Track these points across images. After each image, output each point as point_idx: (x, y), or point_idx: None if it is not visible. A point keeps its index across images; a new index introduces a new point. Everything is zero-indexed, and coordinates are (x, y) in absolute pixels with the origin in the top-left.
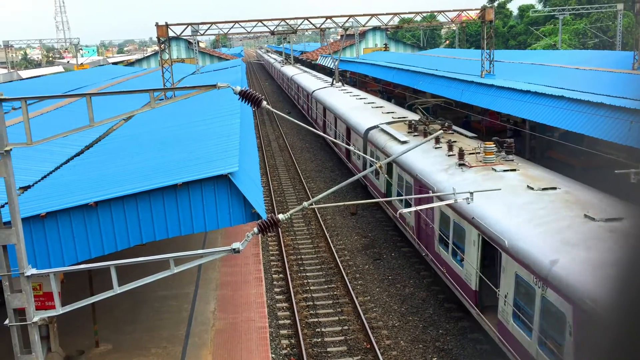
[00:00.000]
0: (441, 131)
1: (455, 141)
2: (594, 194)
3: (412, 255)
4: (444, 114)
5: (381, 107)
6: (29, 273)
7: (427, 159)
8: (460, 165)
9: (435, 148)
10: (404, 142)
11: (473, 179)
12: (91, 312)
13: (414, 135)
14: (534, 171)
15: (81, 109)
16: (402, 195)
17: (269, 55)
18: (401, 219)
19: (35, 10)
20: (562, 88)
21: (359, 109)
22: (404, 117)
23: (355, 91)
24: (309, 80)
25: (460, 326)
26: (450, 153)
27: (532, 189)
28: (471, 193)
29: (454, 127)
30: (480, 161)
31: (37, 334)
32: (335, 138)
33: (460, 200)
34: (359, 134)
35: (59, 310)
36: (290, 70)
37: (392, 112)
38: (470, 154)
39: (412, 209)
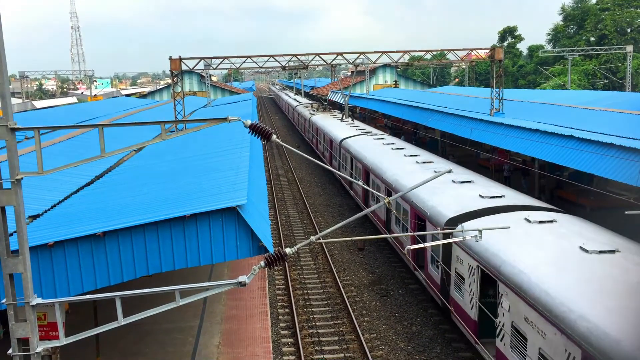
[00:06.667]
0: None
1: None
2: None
3: (419, 292)
4: (452, 151)
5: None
6: (34, 302)
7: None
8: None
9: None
10: None
11: None
12: (95, 343)
13: None
14: None
15: (93, 140)
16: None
17: (286, 94)
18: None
19: (51, 42)
20: (571, 127)
21: None
22: None
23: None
24: (399, 163)
25: None
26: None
27: None
28: (480, 231)
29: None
30: None
31: None
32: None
33: (468, 237)
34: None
35: (63, 340)
36: (336, 128)
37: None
38: None
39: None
